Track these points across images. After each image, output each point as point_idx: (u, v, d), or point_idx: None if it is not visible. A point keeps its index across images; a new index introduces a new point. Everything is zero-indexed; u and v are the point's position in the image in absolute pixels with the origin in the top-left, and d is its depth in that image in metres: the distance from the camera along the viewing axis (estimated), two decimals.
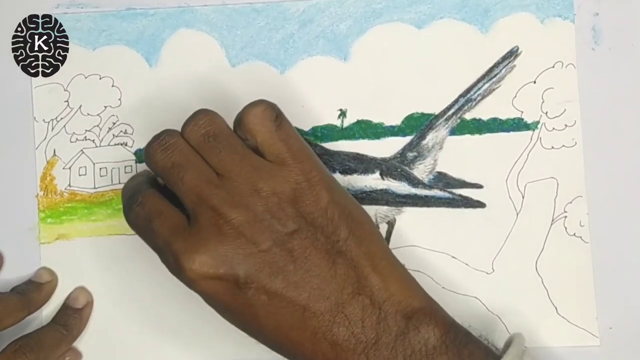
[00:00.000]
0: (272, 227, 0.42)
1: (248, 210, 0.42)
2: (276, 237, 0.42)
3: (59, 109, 0.53)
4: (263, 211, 0.42)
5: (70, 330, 0.50)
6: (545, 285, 0.50)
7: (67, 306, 0.51)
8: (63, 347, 0.50)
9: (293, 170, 0.44)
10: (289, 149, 0.44)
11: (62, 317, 0.51)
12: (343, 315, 0.42)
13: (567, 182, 0.51)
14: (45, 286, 0.51)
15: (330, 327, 0.42)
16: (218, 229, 0.42)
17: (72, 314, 0.51)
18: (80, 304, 0.51)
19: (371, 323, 0.42)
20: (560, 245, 0.50)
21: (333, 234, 0.43)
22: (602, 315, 0.50)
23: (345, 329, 0.42)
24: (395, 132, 0.51)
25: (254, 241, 0.42)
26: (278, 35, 0.52)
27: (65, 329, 0.50)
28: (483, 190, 0.51)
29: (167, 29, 0.52)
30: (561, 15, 0.51)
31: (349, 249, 0.43)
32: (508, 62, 0.51)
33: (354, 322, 0.42)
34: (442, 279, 0.51)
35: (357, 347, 0.42)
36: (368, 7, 0.52)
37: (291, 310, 0.42)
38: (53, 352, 0.49)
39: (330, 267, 0.43)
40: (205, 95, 0.52)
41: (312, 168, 0.44)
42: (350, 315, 0.42)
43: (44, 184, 0.52)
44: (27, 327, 0.51)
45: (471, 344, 0.43)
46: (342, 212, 0.44)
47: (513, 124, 0.51)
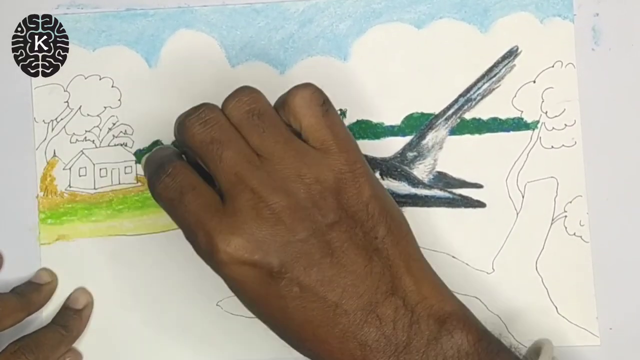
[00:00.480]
0: (313, 217, 0.40)
1: (290, 196, 0.40)
2: (316, 227, 0.40)
3: (59, 110, 0.53)
4: (305, 198, 0.40)
5: (70, 331, 0.50)
6: (546, 285, 0.50)
7: (67, 307, 0.51)
8: (63, 348, 0.50)
9: (338, 159, 0.42)
10: (335, 136, 0.42)
11: (62, 318, 0.51)
12: (375, 315, 0.40)
13: (567, 182, 0.51)
14: (44, 287, 0.51)
15: (361, 326, 0.40)
16: (257, 212, 0.40)
17: (72, 315, 0.51)
18: (81, 304, 0.51)
19: (403, 325, 0.40)
20: (560, 244, 0.50)
21: (372, 230, 0.41)
22: (602, 315, 0.50)
23: (376, 329, 0.40)
24: (395, 132, 0.51)
25: (293, 229, 0.40)
26: (278, 36, 0.52)
27: (65, 329, 0.50)
28: (483, 190, 0.51)
29: (167, 30, 0.52)
30: (561, 14, 0.51)
31: (385, 247, 0.41)
32: (508, 61, 0.51)
33: (386, 323, 0.40)
34: (442, 279, 0.51)
35: (387, 349, 0.40)
36: (368, 7, 0.52)
37: (322, 305, 0.40)
38: (53, 352, 0.49)
39: (366, 264, 0.41)
40: (205, 96, 0.52)
41: (357, 159, 0.42)
42: (382, 316, 0.40)
43: (44, 185, 0.52)
44: (27, 328, 0.51)
45: (503, 353, 0.42)
46: (383, 209, 0.42)
47: (513, 124, 0.51)
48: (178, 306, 0.51)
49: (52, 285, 0.51)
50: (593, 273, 0.50)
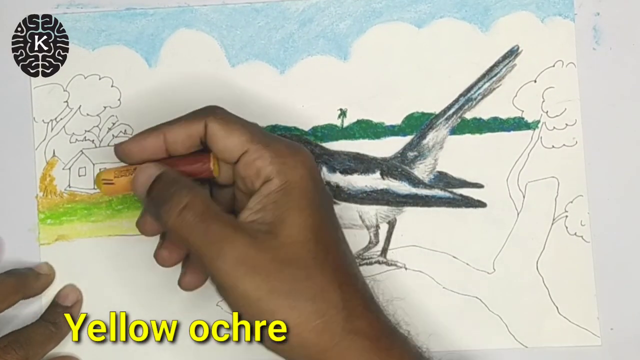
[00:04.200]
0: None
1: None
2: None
3: (59, 110, 0.52)
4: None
5: (60, 327, 0.50)
6: (546, 285, 0.50)
7: (57, 304, 0.51)
8: (52, 344, 0.50)
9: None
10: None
11: (52, 314, 0.51)
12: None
13: (568, 182, 0.50)
14: (43, 276, 0.51)
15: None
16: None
17: (61, 312, 0.51)
18: (70, 301, 0.51)
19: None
20: (561, 244, 0.50)
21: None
22: (603, 315, 0.50)
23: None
24: (395, 131, 0.51)
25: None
26: (278, 35, 0.52)
27: (55, 326, 0.50)
28: (484, 190, 0.51)
29: (167, 29, 0.52)
30: (561, 14, 0.51)
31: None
32: (508, 61, 0.51)
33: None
34: (443, 279, 0.51)
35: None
36: (368, 6, 0.52)
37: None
38: (42, 348, 0.49)
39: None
40: (204, 96, 0.52)
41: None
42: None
43: (44, 185, 0.52)
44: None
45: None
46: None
47: (513, 123, 0.51)
48: (178, 306, 0.51)
49: (50, 278, 0.52)
50: (594, 273, 0.50)
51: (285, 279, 0.41)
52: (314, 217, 0.43)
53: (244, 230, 0.42)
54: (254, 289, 0.41)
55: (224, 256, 0.41)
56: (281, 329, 0.42)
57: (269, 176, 0.43)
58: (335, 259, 0.43)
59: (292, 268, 0.42)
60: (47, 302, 0.52)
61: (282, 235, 0.42)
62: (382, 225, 0.51)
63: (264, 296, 0.41)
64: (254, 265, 0.41)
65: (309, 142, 0.51)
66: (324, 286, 0.42)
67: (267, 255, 0.42)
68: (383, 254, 0.51)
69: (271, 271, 0.41)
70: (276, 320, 0.41)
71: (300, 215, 0.43)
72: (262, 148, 0.44)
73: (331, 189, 0.51)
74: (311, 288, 0.42)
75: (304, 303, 0.41)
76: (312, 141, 0.52)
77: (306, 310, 0.41)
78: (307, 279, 0.42)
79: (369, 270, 0.51)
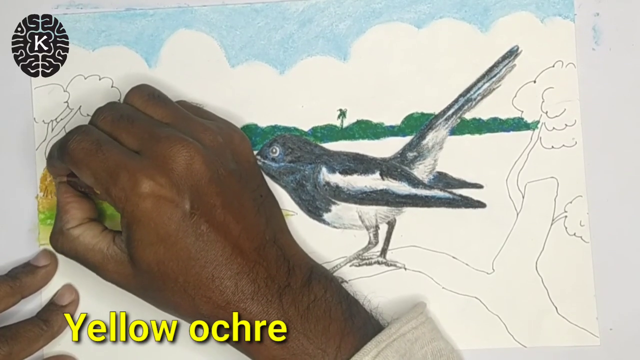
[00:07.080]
0: (215, 164, 0.46)
1: (200, 144, 0.46)
2: (218, 173, 0.46)
3: (59, 110, 0.53)
4: (210, 147, 0.46)
5: (51, 326, 0.50)
6: (546, 285, 0.50)
7: (52, 302, 0.51)
8: (41, 342, 0.50)
9: (228, 125, 0.50)
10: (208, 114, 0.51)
11: (45, 312, 0.51)
12: (263, 257, 0.46)
13: (568, 182, 0.51)
14: (40, 270, 0.51)
15: (252, 265, 0.45)
16: (173, 157, 0.45)
17: (55, 310, 0.51)
18: (66, 301, 0.51)
19: (283, 270, 0.46)
20: (560, 245, 0.50)
21: (257, 188, 0.49)
22: (602, 315, 0.50)
23: (264, 269, 0.45)
24: (395, 132, 0.51)
25: (202, 173, 0.45)
26: (277, 35, 0.52)
27: (46, 324, 0.50)
28: (483, 190, 0.51)
29: (167, 30, 0.52)
30: (561, 14, 0.51)
31: (266, 206, 0.48)
32: (508, 61, 0.51)
33: (271, 265, 0.46)
34: (442, 279, 0.51)
35: (272, 287, 0.45)
36: (367, 6, 0.52)
37: (222, 245, 0.45)
38: (29, 346, 0.49)
39: (255, 213, 0.47)
40: (204, 96, 0.52)
41: (236, 128, 0.51)
42: (268, 258, 0.46)
43: (44, 185, 0.52)
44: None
45: (359, 304, 0.48)
46: (262, 174, 0.51)
47: (513, 124, 0.51)
48: None
49: (49, 269, 0.51)
50: (593, 273, 0.50)
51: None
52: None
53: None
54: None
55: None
56: (281, 329, 0.45)
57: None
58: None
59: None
60: (46, 300, 0.52)
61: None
62: (382, 226, 0.51)
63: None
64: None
65: (309, 143, 0.52)
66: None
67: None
68: (383, 254, 0.51)
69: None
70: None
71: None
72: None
73: (331, 189, 0.51)
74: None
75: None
76: (312, 141, 0.52)
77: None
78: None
79: (368, 270, 0.51)
